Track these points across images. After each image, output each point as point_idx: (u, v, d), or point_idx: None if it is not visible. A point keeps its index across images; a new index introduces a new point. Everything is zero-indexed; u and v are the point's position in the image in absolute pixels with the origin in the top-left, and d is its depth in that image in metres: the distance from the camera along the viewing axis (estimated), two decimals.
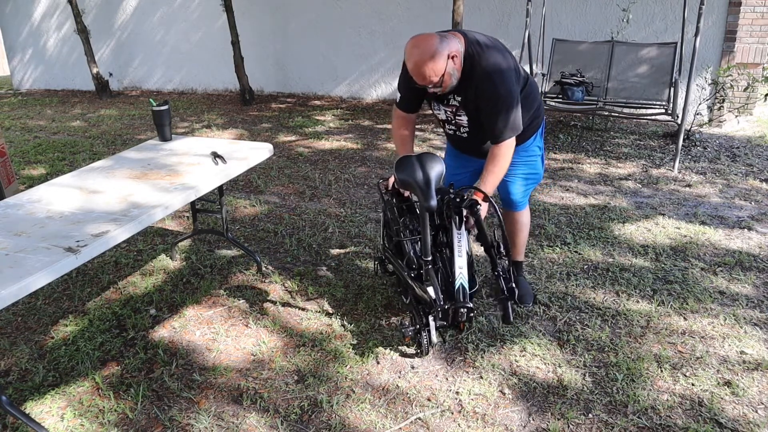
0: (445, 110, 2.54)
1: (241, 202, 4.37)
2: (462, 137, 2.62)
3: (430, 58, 2.22)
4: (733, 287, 2.99)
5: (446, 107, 2.52)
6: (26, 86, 10.43)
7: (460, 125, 2.55)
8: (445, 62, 2.24)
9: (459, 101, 2.46)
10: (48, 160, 5.64)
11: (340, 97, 8.13)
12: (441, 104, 2.54)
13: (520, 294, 2.87)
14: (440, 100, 2.52)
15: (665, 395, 2.26)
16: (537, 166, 2.76)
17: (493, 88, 2.32)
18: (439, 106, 2.56)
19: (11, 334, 2.81)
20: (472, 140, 2.60)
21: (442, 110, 2.56)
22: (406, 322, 2.51)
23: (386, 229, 2.87)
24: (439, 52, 2.22)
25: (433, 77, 2.25)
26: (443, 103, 2.53)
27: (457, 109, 2.49)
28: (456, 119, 2.54)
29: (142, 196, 2.40)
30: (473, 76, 2.33)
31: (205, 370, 2.50)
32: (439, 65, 2.23)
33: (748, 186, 4.41)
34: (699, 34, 4.58)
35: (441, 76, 2.26)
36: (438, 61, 2.23)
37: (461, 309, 2.34)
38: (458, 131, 2.60)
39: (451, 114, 2.53)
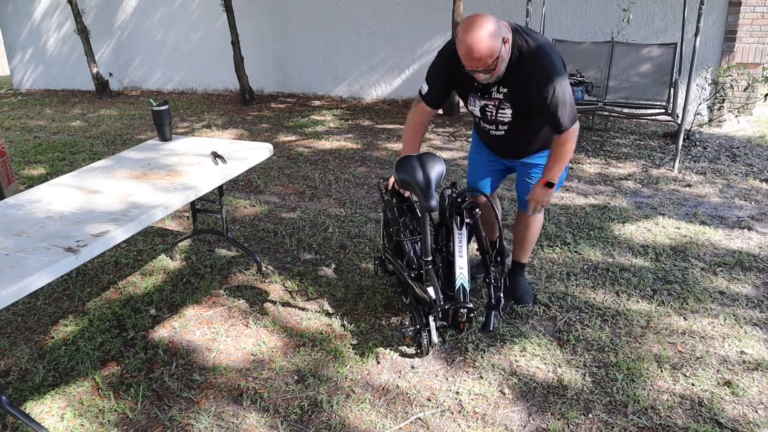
0: (486, 104, 2.43)
1: (241, 202, 4.37)
2: (498, 135, 2.53)
3: (489, 37, 2.12)
4: (733, 287, 2.99)
5: (488, 100, 2.42)
6: (26, 86, 10.43)
7: (500, 121, 2.46)
8: (500, 45, 2.16)
9: (504, 93, 2.36)
10: (48, 160, 5.64)
11: (340, 97, 8.13)
12: (482, 98, 2.43)
13: (521, 294, 2.86)
14: (482, 92, 2.41)
15: (665, 395, 2.26)
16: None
17: (549, 77, 2.24)
18: (476, 100, 2.45)
19: (11, 334, 2.81)
20: (508, 138, 2.51)
21: (482, 105, 2.45)
22: (406, 322, 2.51)
23: (386, 229, 2.87)
24: (496, 33, 2.14)
25: (488, 59, 2.15)
26: (485, 97, 2.42)
27: (500, 102, 2.39)
28: (498, 114, 2.43)
29: (142, 196, 2.40)
30: (523, 65, 2.26)
31: (205, 370, 2.50)
32: (495, 46, 2.14)
33: (748, 186, 4.41)
34: (699, 34, 4.58)
35: (495, 59, 2.16)
36: (495, 41, 2.14)
37: (461, 309, 2.34)
38: (495, 129, 2.51)
39: (493, 108, 2.42)
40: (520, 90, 2.32)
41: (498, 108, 2.42)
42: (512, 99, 2.36)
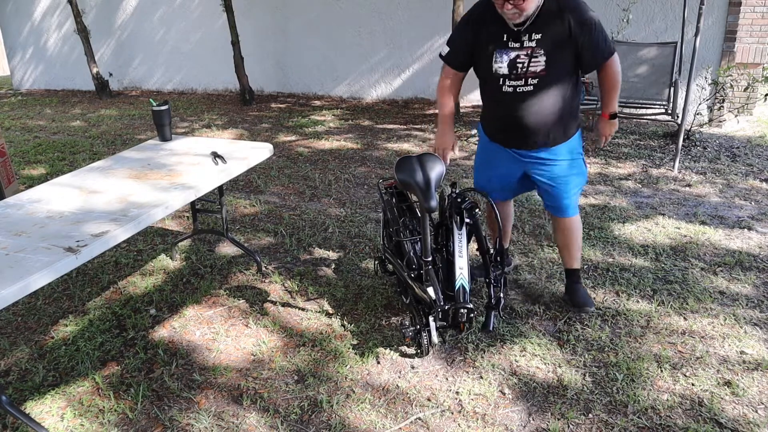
0: (517, 55, 2.40)
1: (241, 202, 4.37)
2: (522, 95, 2.45)
3: None
4: (733, 287, 2.99)
5: (520, 50, 2.39)
6: (26, 86, 10.43)
7: (532, 73, 2.40)
8: None
9: (538, 39, 2.36)
10: (48, 160, 5.64)
11: (340, 97, 8.13)
12: (512, 49, 2.41)
13: (581, 301, 2.77)
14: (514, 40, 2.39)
15: (665, 395, 2.26)
16: (582, 165, 2.69)
17: (585, 12, 2.36)
18: (504, 54, 2.42)
19: (11, 334, 2.81)
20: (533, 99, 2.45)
21: (512, 57, 2.41)
22: (406, 323, 2.51)
23: (386, 229, 2.87)
24: None
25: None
26: (512, 48, 2.40)
27: (533, 51, 2.38)
28: (530, 64, 2.39)
29: (142, 196, 2.40)
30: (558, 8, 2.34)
31: (205, 370, 2.50)
32: None
33: (748, 186, 4.41)
34: (699, 34, 4.58)
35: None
36: None
37: (461, 309, 2.34)
38: (525, 83, 2.44)
39: (525, 57, 2.39)
40: (557, 28, 2.34)
41: (531, 57, 2.38)
42: (547, 43, 2.36)
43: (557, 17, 2.33)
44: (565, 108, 2.50)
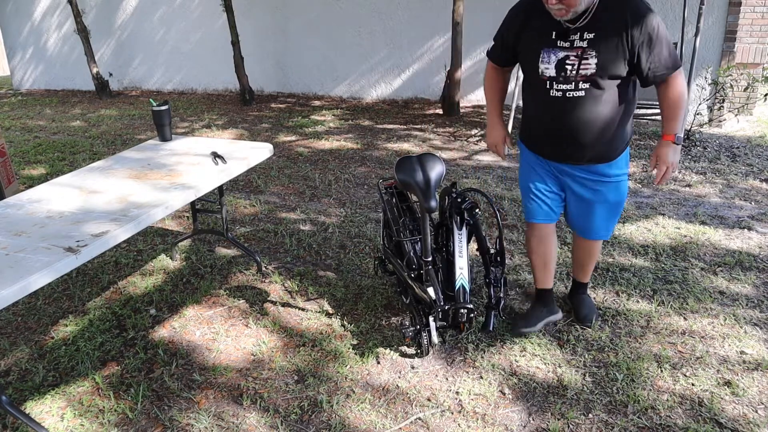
0: (567, 56, 2.15)
1: (241, 202, 4.37)
2: (573, 99, 2.20)
3: None
4: (733, 287, 2.99)
5: (569, 50, 2.15)
6: (26, 86, 10.43)
7: (583, 76, 2.15)
8: None
9: (590, 39, 2.11)
10: (48, 160, 5.64)
11: (340, 97, 8.13)
12: (561, 48, 2.17)
13: (584, 313, 2.67)
14: (563, 39, 2.16)
15: (665, 395, 2.26)
16: (623, 190, 2.41)
17: (648, 15, 2.06)
18: (552, 54, 2.18)
19: (11, 334, 2.81)
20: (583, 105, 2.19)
21: (560, 57, 2.17)
22: (406, 323, 2.52)
23: (386, 229, 2.87)
24: None
25: None
26: (562, 47, 2.16)
27: (583, 52, 2.13)
28: (581, 67, 2.14)
29: (142, 196, 2.40)
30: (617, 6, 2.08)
31: (205, 370, 2.50)
32: None
33: (748, 186, 4.41)
34: (699, 34, 4.58)
35: None
36: None
37: (461, 310, 2.34)
38: (575, 88, 2.18)
39: (575, 59, 2.14)
40: (612, 29, 2.08)
41: (581, 58, 2.14)
42: (600, 45, 2.11)
43: (615, 17, 2.08)
44: (619, 118, 2.24)
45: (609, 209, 2.42)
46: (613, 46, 2.10)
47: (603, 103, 2.19)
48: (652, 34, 2.07)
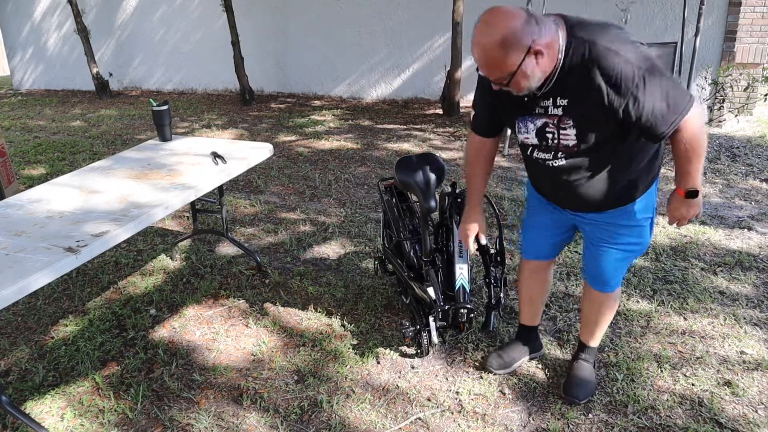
0: (546, 123, 1.81)
1: (241, 202, 4.37)
2: (559, 168, 1.88)
3: (498, 45, 1.59)
4: (733, 287, 2.99)
5: (545, 117, 1.81)
6: (26, 86, 10.43)
7: (560, 147, 1.83)
8: (521, 56, 1.60)
9: (564, 106, 1.75)
10: (48, 160, 5.64)
11: (340, 97, 8.13)
12: (534, 117, 1.83)
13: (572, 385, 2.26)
14: (531, 109, 1.82)
15: (665, 395, 2.26)
16: (645, 234, 2.01)
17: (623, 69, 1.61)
18: (529, 122, 1.85)
19: (11, 334, 2.81)
20: (572, 171, 1.87)
21: (539, 125, 1.84)
22: (406, 323, 2.52)
23: (386, 229, 2.87)
24: (515, 39, 1.59)
25: (496, 72, 1.66)
26: (539, 114, 1.81)
27: (560, 120, 1.77)
28: (559, 135, 1.80)
29: (142, 195, 2.40)
30: (585, 61, 1.65)
31: (205, 370, 2.50)
32: (510, 59, 1.61)
33: (748, 186, 4.41)
34: (699, 34, 4.58)
35: (510, 75, 1.64)
36: (510, 53, 1.60)
37: (461, 310, 2.34)
38: (553, 158, 1.87)
39: (553, 127, 1.80)
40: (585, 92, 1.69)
41: (559, 126, 1.79)
42: (576, 113, 1.75)
43: (584, 80, 1.67)
44: (622, 177, 1.88)
45: (624, 256, 2.04)
46: (592, 113, 1.72)
47: (591, 168, 1.86)
48: (636, 93, 1.63)
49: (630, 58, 1.62)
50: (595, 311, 2.21)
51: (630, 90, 1.63)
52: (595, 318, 2.23)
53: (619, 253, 2.03)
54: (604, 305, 2.18)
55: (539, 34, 1.61)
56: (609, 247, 2.03)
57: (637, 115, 1.66)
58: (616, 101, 1.65)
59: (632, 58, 1.62)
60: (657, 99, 1.64)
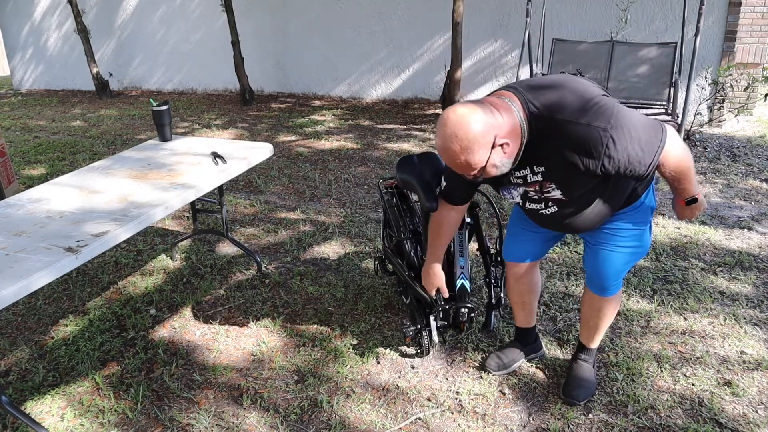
0: (525, 190, 1.88)
1: (241, 202, 4.37)
2: (548, 215, 1.94)
3: (464, 152, 1.62)
4: (733, 287, 2.99)
5: (526, 186, 1.86)
6: (26, 86, 10.43)
7: (549, 200, 1.88)
8: (488, 152, 1.63)
9: (543, 172, 1.78)
10: (48, 160, 5.64)
11: (340, 97, 8.13)
12: (516, 185, 1.88)
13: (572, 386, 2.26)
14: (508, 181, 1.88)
15: (665, 395, 2.26)
16: (645, 237, 2.03)
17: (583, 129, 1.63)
18: (512, 190, 1.91)
19: (11, 334, 2.81)
20: (562, 215, 1.92)
21: (521, 192, 1.91)
22: (406, 322, 2.52)
23: (386, 229, 2.87)
24: (478, 141, 1.61)
25: (466, 171, 1.70)
26: (517, 184, 1.87)
27: (541, 185, 1.82)
28: (544, 196, 1.86)
29: (143, 195, 2.40)
30: (549, 136, 1.68)
31: (205, 370, 2.50)
32: (477, 158, 1.63)
33: (748, 186, 4.41)
34: (699, 34, 4.58)
35: (481, 169, 1.68)
36: (475, 155, 1.63)
37: (462, 309, 2.34)
38: (545, 207, 1.91)
39: (536, 192, 1.86)
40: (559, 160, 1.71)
41: (542, 190, 1.84)
42: (555, 177, 1.78)
43: (553, 150, 1.69)
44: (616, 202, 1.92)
45: (625, 259, 2.04)
46: (571, 175, 1.74)
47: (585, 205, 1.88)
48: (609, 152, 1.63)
49: (592, 122, 1.62)
50: (594, 315, 2.20)
51: (601, 152, 1.64)
52: (594, 322, 2.22)
53: (619, 256, 2.02)
54: (604, 309, 2.17)
55: (500, 126, 1.64)
56: (609, 251, 2.02)
57: (615, 169, 1.67)
58: (591, 164, 1.67)
59: (594, 122, 1.62)
60: (630, 150, 1.65)
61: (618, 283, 2.10)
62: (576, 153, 1.65)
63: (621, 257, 2.02)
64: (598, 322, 2.21)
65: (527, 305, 2.37)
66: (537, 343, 2.47)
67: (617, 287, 2.11)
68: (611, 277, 2.06)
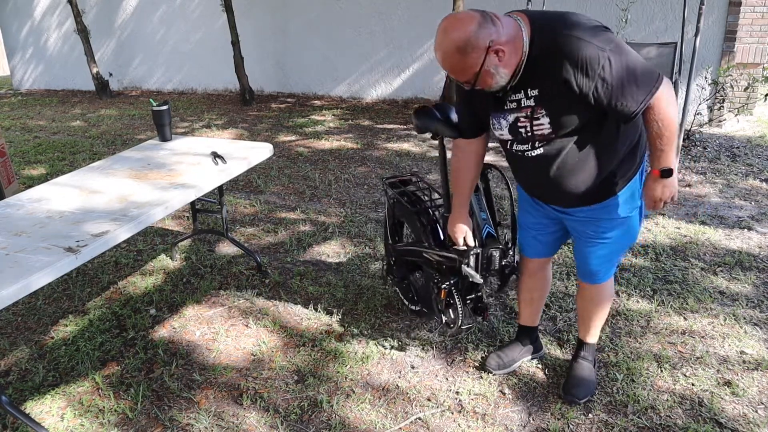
0: (517, 117, 1.85)
1: (241, 202, 4.37)
2: (536, 158, 1.89)
3: (455, 51, 1.68)
4: (733, 287, 2.99)
5: (517, 112, 1.84)
6: (26, 86, 10.43)
7: (536, 137, 1.85)
8: (481, 57, 1.67)
9: (536, 96, 1.78)
10: (48, 160, 5.64)
11: (340, 97, 8.13)
12: (506, 113, 1.86)
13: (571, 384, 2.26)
14: (503, 104, 1.86)
15: (665, 395, 2.26)
16: (633, 225, 2.02)
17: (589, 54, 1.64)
18: (502, 118, 1.88)
19: (11, 334, 2.81)
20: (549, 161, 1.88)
21: (511, 120, 1.87)
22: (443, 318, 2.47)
23: (392, 225, 2.82)
24: (472, 43, 1.66)
25: (461, 75, 1.74)
26: (511, 109, 1.85)
27: (533, 111, 1.81)
28: (533, 127, 1.83)
29: (142, 195, 2.40)
30: (550, 50, 1.69)
31: (205, 370, 2.50)
32: (470, 62, 1.68)
33: (748, 186, 4.41)
34: (699, 34, 4.58)
35: (475, 75, 1.72)
36: (470, 56, 1.67)
37: (494, 252, 2.25)
38: (531, 148, 1.88)
39: (526, 120, 1.83)
40: (554, 81, 1.71)
41: (532, 119, 1.82)
42: (548, 102, 1.78)
43: (551, 68, 1.70)
44: (601, 165, 1.88)
45: (612, 249, 2.05)
46: (564, 100, 1.75)
47: (570, 156, 1.86)
48: (603, 74, 1.65)
49: (593, 41, 1.65)
50: (587, 305, 2.22)
51: (597, 72, 1.65)
52: (588, 312, 2.24)
53: (604, 247, 2.04)
54: (596, 298, 2.19)
55: (497, 33, 1.68)
56: (593, 242, 2.04)
57: (607, 96, 1.69)
58: (585, 85, 1.68)
59: (595, 41, 1.65)
60: (625, 78, 1.66)
61: (607, 270, 2.10)
62: (573, 68, 1.67)
63: (606, 249, 2.04)
64: (591, 313, 2.23)
65: (535, 302, 2.37)
66: (537, 343, 2.48)
67: (607, 274, 2.12)
68: (598, 266, 2.08)
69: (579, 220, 2.03)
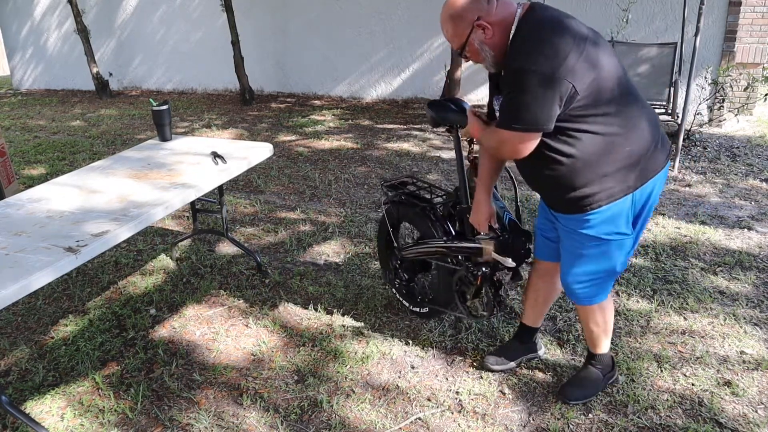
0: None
1: (241, 202, 4.37)
2: None
3: (448, 18, 1.82)
4: (733, 287, 2.99)
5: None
6: (26, 86, 10.43)
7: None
8: (467, 30, 1.79)
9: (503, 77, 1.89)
10: (48, 160, 5.64)
11: (340, 97, 8.13)
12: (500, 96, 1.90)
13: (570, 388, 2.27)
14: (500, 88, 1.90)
15: (665, 395, 2.26)
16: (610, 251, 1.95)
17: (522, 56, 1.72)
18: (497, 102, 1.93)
19: (11, 334, 2.81)
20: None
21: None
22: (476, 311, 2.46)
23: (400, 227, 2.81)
24: (460, 14, 1.78)
25: (452, 42, 1.86)
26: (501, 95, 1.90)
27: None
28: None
29: (142, 195, 2.40)
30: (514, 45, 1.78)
31: (205, 369, 2.50)
32: (456, 29, 1.81)
33: (748, 186, 4.41)
34: (699, 34, 4.58)
35: (462, 44, 1.83)
36: (456, 24, 1.80)
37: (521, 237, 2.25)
38: None
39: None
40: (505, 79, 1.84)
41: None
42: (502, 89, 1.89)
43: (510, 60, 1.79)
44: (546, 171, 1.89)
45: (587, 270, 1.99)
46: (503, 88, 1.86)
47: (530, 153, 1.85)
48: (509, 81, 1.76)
49: (532, 58, 1.69)
50: (582, 321, 2.21)
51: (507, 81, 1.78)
52: (584, 327, 2.22)
53: (580, 264, 1.99)
54: (583, 318, 2.17)
55: (487, 12, 1.78)
56: (570, 255, 2.01)
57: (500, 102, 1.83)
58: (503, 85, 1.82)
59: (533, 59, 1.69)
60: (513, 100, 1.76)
61: (587, 293, 2.05)
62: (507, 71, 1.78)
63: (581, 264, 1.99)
64: (586, 330, 2.21)
65: (539, 305, 2.35)
66: (537, 343, 2.48)
67: (588, 298, 2.06)
68: (572, 282, 2.04)
69: (562, 228, 2.01)
